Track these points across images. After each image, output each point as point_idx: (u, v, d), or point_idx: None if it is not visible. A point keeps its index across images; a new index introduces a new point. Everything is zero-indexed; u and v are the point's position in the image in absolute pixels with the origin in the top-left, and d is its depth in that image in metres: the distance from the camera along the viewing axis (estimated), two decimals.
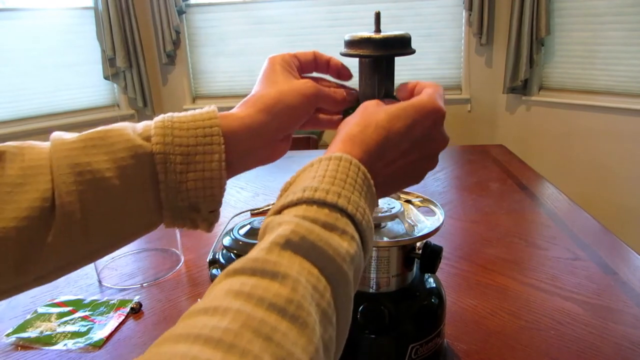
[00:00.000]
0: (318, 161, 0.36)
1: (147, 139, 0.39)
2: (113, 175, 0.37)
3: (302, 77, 0.48)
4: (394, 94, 0.48)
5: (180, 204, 0.40)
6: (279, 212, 0.34)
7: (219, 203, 0.41)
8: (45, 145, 0.38)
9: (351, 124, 0.40)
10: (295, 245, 0.30)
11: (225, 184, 0.41)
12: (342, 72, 0.51)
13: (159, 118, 0.40)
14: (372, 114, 0.40)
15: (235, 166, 0.43)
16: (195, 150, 0.39)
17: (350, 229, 0.32)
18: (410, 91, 0.45)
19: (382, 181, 0.39)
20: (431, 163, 0.43)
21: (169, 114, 0.41)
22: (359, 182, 0.35)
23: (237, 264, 0.29)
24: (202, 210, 0.41)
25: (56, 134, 0.39)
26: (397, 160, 0.40)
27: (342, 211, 0.33)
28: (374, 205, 0.37)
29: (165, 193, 0.39)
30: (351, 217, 0.33)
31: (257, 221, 0.88)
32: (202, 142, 0.39)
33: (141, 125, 0.41)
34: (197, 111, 0.41)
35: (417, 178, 0.43)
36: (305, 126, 0.47)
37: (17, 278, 0.36)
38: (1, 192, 0.35)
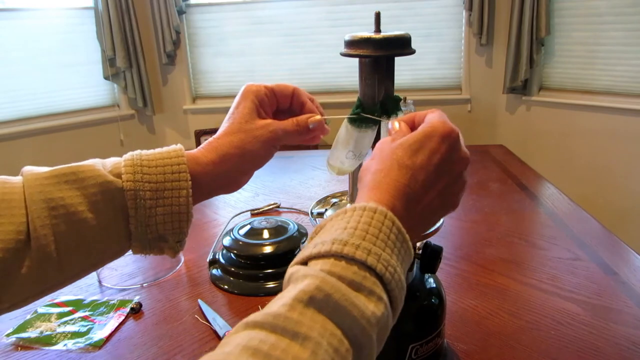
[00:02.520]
0: (352, 210, 0.35)
1: (118, 175, 0.41)
2: (85, 209, 0.39)
3: (272, 116, 0.50)
4: (400, 108, 0.49)
5: (148, 236, 0.42)
6: (305, 262, 0.33)
7: (185, 234, 0.44)
8: (17, 179, 0.40)
9: (373, 171, 0.39)
10: (319, 303, 0.28)
11: (191, 217, 0.43)
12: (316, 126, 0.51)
13: (128, 156, 0.42)
14: (390, 154, 0.39)
15: (197, 200, 0.45)
16: (163, 186, 0.41)
17: (378, 289, 0.31)
18: (411, 123, 0.44)
19: (419, 220, 0.38)
20: (459, 185, 0.41)
21: (137, 151, 0.43)
22: (392, 237, 0.33)
23: (258, 316, 0.28)
24: (169, 241, 0.43)
25: (27, 168, 0.41)
26: (427, 194, 0.38)
27: (371, 269, 0.31)
28: (409, 259, 0.35)
29: (135, 226, 0.41)
30: (380, 277, 0.31)
31: (257, 221, 0.88)
32: (170, 178, 0.41)
33: (110, 162, 0.42)
34: (165, 149, 0.43)
35: (452, 204, 0.41)
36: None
37: None
38: None
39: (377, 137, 0.50)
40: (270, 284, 0.78)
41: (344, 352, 0.27)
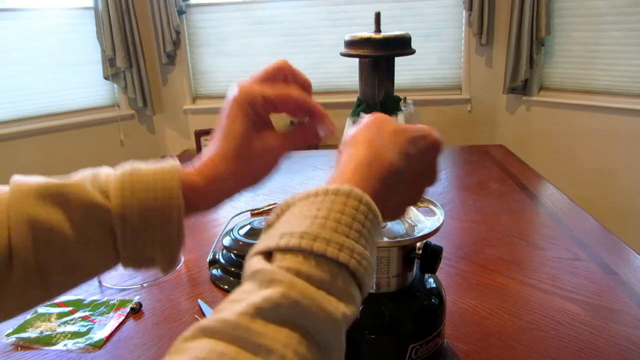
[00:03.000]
0: (324, 192, 0.32)
1: (106, 195, 0.38)
2: (70, 232, 0.37)
3: (268, 118, 0.44)
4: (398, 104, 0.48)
5: (137, 257, 0.40)
6: (269, 252, 0.30)
7: (175, 258, 0.41)
8: (3, 191, 0.38)
9: (364, 144, 0.37)
10: (285, 311, 0.27)
11: (183, 242, 0.40)
12: (307, 88, 0.45)
13: (120, 172, 0.39)
14: (385, 132, 0.38)
15: (201, 210, 0.42)
16: (153, 211, 0.38)
17: (351, 287, 0.29)
18: None
19: (389, 209, 0.37)
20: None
21: (130, 166, 0.39)
22: (367, 225, 0.31)
23: (217, 323, 0.26)
24: (159, 263, 0.41)
25: (16, 180, 0.38)
26: (405, 191, 0.39)
27: (343, 266, 0.29)
28: (376, 242, 0.34)
29: (122, 248, 0.39)
30: (352, 272, 0.30)
31: (257, 221, 0.88)
32: (160, 203, 0.38)
33: (103, 177, 0.39)
34: (159, 167, 0.39)
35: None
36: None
37: None
38: None
39: None
40: None
41: (311, 359, 0.26)
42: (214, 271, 0.83)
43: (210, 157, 0.41)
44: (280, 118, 0.45)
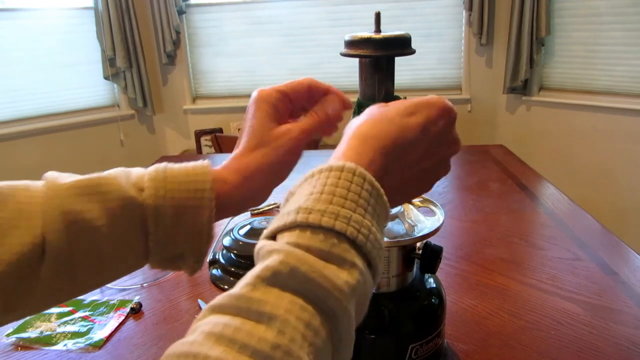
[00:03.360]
0: (318, 172, 0.33)
1: (141, 190, 0.39)
2: (104, 224, 0.37)
3: (291, 115, 0.46)
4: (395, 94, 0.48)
5: (167, 255, 0.40)
6: (274, 235, 0.31)
7: (204, 254, 0.42)
8: (38, 185, 0.39)
9: (360, 122, 0.36)
10: (285, 277, 0.27)
11: (212, 238, 0.41)
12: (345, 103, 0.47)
13: (153, 170, 0.40)
14: (382, 111, 0.37)
15: (219, 218, 0.43)
16: (186, 204, 0.39)
17: (351, 254, 0.29)
18: None
19: (396, 188, 0.36)
20: (444, 168, 0.40)
21: (163, 164, 0.41)
22: (363, 195, 0.31)
23: (223, 299, 0.27)
24: (187, 260, 0.41)
25: (51, 176, 0.39)
26: (414, 164, 0.36)
27: (341, 235, 0.29)
28: (385, 215, 0.33)
29: (154, 244, 0.39)
30: (352, 241, 0.29)
31: (257, 221, 0.88)
32: (193, 197, 0.39)
33: (135, 174, 0.40)
34: (191, 165, 0.41)
35: (429, 185, 0.40)
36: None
37: (4, 318, 0.37)
38: None
39: None
40: None
41: (316, 326, 0.26)
42: (214, 271, 0.83)
43: (237, 154, 0.43)
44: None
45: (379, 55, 0.45)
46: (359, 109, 0.51)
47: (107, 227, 0.37)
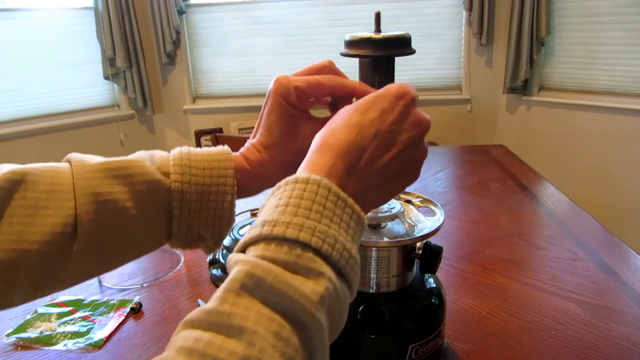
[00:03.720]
0: (284, 184, 0.33)
1: (166, 174, 0.41)
2: (132, 205, 0.39)
3: (306, 108, 0.46)
4: None
5: (189, 236, 0.42)
6: (244, 250, 0.31)
7: (224, 237, 0.44)
8: (65, 167, 0.40)
9: (323, 130, 0.37)
10: (251, 289, 0.27)
11: (233, 221, 0.43)
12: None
13: (177, 153, 0.42)
14: (339, 114, 0.37)
15: (243, 196, 0.45)
16: (209, 189, 0.41)
17: (317, 264, 0.29)
18: None
19: (369, 186, 0.35)
20: (418, 150, 0.38)
21: (185, 148, 0.43)
22: (328, 206, 0.31)
23: (194, 314, 0.27)
24: (207, 241, 0.43)
25: (75, 157, 0.41)
26: (379, 157, 0.35)
27: (306, 245, 0.29)
28: (358, 225, 0.33)
29: (177, 226, 0.41)
30: (317, 250, 0.29)
31: None
32: (216, 182, 0.41)
33: (159, 158, 0.42)
34: (213, 150, 0.43)
35: (412, 172, 0.38)
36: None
37: (33, 295, 0.38)
38: (24, 214, 0.36)
39: None
40: None
41: (286, 336, 0.26)
42: (214, 271, 0.83)
43: (253, 144, 0.45)
44: None
45: (379, 55, 0.45)
46: None
47: (135, 208, 0.39)
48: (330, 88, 0.45)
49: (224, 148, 0.43)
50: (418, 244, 0.52)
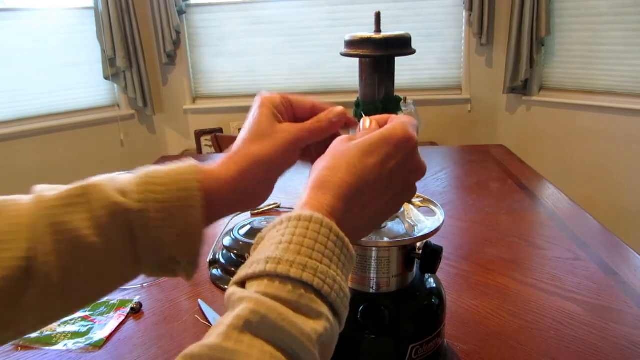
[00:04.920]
0: (287, 220, 0.34)
1: (126, 195, 0.38)
2: (91, 233, 0.37)
3: (291, 121, 0.46)
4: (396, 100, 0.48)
5: (158, 258, 0.40)
6: (243, 282, 0.32)
7: (197, 255, 0.41)
8: (26, 200, 0.38)
9: (321, 168, 0.37)
10: (255, 326, 0.28)
11: (204, 238, 0.40)
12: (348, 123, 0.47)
13: (138, 173, 0.40)
14: (341, 152, 0.38)
15: (214, 218, 0.42)
16: (173, 205, 0.38)
17: (317, 304, 0.30)
18: (384, 124, 0.42)
19: (361, 225, 0.38)
20: (409, 192, 0.41)
21: (150, 168, 0.40)
22: (329, 246, 0.32)
23: (196, 348, 0.27)
24: (181, 263, 0.41)
25: (39, 189, 0.39)
26: (375, 200, 0.38)
27: (308, 285, 0.30)
28: (350, 263, 0.35)
29: (143, 249, 0.39)
30: (318, 291, 0.31)
31: (257, 221, 0.88)
32: (180, 197, 0.38)
33: (121, 179, 0.40)
34: (177, 166, 0.40)
35: (395, 209, 0.41)
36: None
37: None
38: None
39: None
40: None
41: None
42: (214, 271, 0.83)
43: (233, 149, 0.43)
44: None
45: (379, 55, 0.45)
46: (357, 108, 0.51)
47: (96, 236, 0.37)
48: (310, 106, 0.46)
49: (189, 161, 0.41)
50: (418, 244, 0.52)
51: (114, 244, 0.38)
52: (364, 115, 0.45)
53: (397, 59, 0.48)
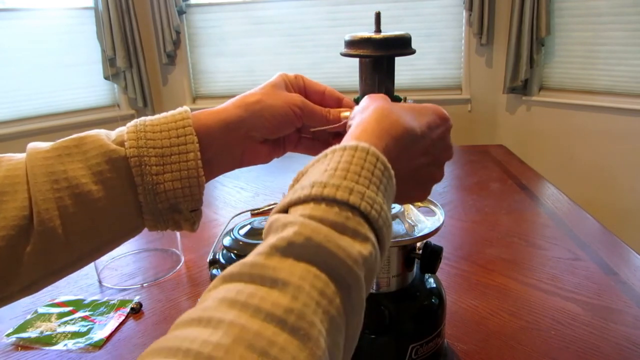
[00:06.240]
0: (332, 152, 0.33)
1: (121, 144, 0.39)
2: (89, 181, 0.37)
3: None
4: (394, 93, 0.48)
5: (159, 206, 0.40)
6: (286, 209, 0.31)
7: (199, 201, 0.41)
8: (21, 156, 0.39)
9: (371, 112, 0.37)
10: (300, 247, 0.27)
11: (203, 181, 0.40)
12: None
13: (132, 123, 0.40)
14: (393, 106, 0.39)
15: (213, 164, 0.43)
16: (169, 151, 0.39)
17: (364, 228, 0.29)
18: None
19: (401, 178, 0.36)
20: (439, 171, 0.42)
21: (142, 118, 0.41)
22: (376, 173, 0.32)
23: (235, 267, 0.27)
24: (183, 211, 0.41)
25: (32, 144, 0.40)
26: (418, 157, 0.38)
27: (355, 209, 0.29)
28: (392, 198, 0.34)
29: (143, 196, 0.39)
30: (365, 215, 0.30)
31: (257, 221, 0.88)
32: (175, 142, 0.39)
33: (115, 132, 0.41)
34: (170, 113, 0.41)
35: (425, 188, 0.42)
36: (297, 148, 0.49)
37: (3, 289, 0.36)
38: None
39: None
40: None
41: (330, 295, 0.26)
42: (214, 271, 0.83)
43: (239, 96, 0.45)
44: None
45: (379, 55, 0.45)
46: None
47: (94, 183, 0.37)
48: (323, 90, 0.48)
49: (183, 108, 0.42)
50: (418, 244, 0.52)
51: (113, 190, 0.38)
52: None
53: (397, 59, 0.48)
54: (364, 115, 0.38)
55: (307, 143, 0.50)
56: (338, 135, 0.48)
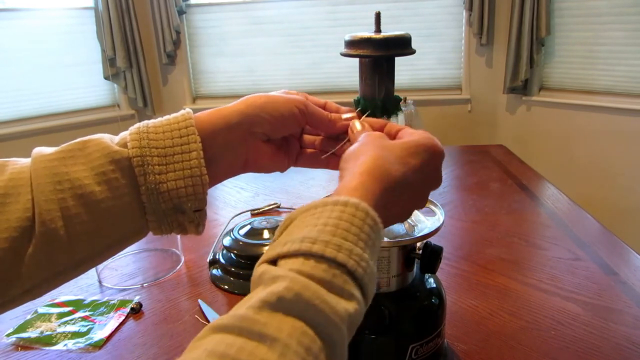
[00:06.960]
0: (322, 205, 0.34)
1: (124, 145, 0.40)
2: (92, 182, 0.37)
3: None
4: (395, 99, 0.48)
5: (163, 206, 0.40)
6: (275, 260, 0.32)
7: (203, 201, 0.41)
8: (26, 161, 0.39)
9: (367, 158, 0.38)
10: (289, 302, 0.28)
11: (207, 180, 0.41)
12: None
13: (135, 126, 0.41)
14: (387, 147, 0.39)
15: (217, 163, 0.43)
16: (172, 150, 0.39)
17: (350, 286, 0.30)
18: (379, 128, 0.45)
19: (390, 217, 0.38)
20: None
21: (144, 121, 0.42)
22: (365, 229, 0.33)
23: (225, 319, 0.27)
24: (186, 211, 0.41)
25: (37, 149, 0.40)
26: (407, 200, 0.40)
27: (342, 266, 0.30)
28: (379, 247, 0.35)
29: (146, 196, 0.39)
30: (351, 273, 0.31)
31: (257, 221, 0.88)
32: (178, 142, 0.40)
33: (118, 136, 0.41)
34: (172, 115, 0.42)
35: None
36: (299, 162, 0.49)
37: (5, 293, 0.36)
38: None
39: None
40: None
41: (316, 351, 0.27)
42: (214, 271, 0.83)
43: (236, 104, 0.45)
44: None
45: (379, 55, 0.45)
46: (357, 106, 0.51)
47: (97, 185, 0.38)
48: (324, 104, 0.49)
49: (185, 110, 0.43)
50: (418, 244, 0.52)
51: (116, 190, 0.38)
52: (387, 118, 0.47)
53: (397, 59, 0.48)
54: (357, 163, 0.38)
55: (309, 155, 0.50)
56: (339, 142, 0.48)
